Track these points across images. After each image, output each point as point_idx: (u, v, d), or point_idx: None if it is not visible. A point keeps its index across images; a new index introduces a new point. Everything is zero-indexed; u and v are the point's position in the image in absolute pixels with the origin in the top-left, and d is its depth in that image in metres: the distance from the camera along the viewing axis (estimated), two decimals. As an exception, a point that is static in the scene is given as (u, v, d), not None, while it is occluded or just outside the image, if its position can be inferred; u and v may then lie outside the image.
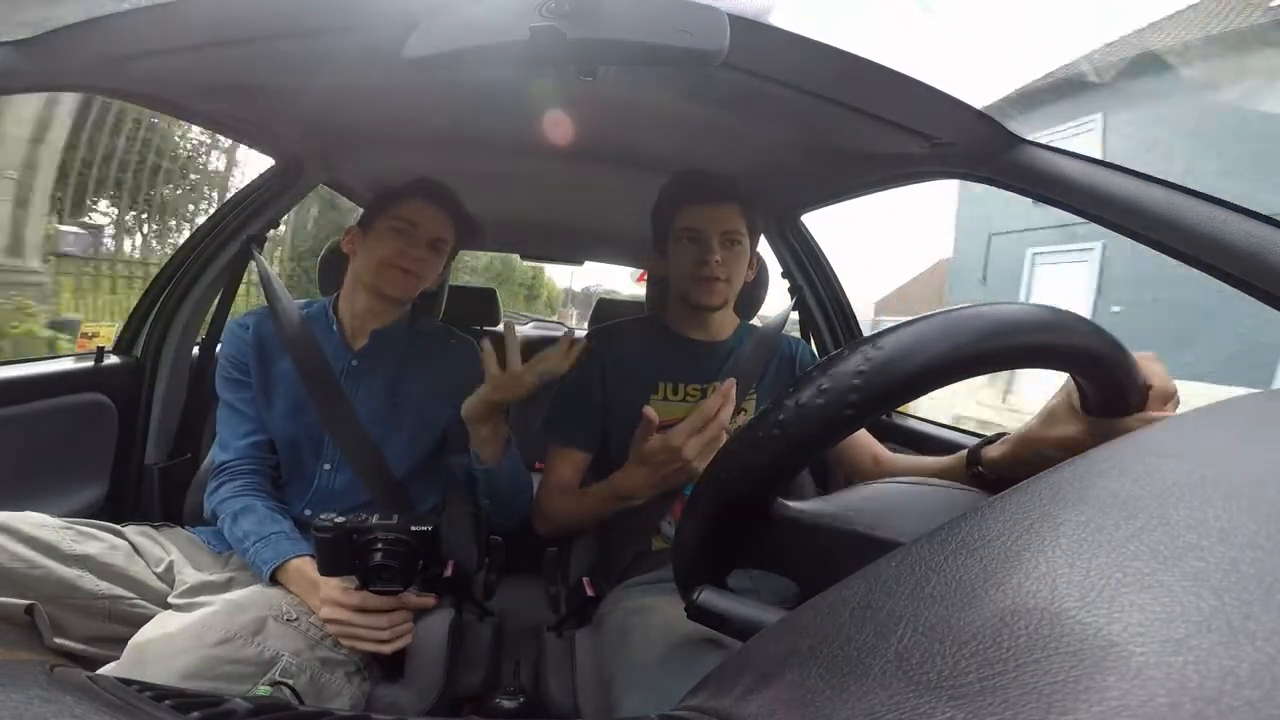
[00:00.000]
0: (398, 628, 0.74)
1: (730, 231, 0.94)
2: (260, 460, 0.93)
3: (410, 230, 0.95)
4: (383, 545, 0.66)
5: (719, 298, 0.95)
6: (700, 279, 0.94)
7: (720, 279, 0.94)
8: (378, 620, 0.73)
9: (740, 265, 0.97)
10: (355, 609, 0.72)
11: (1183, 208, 0.60)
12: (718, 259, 0.93)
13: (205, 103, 0.91)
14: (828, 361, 0.35)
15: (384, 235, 0.95)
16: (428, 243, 0.97)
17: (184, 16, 0.66)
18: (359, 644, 0.73)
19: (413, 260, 0.95)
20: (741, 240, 0.95)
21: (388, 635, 0.73)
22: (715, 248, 0.93)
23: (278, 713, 0.20)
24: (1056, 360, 0.38)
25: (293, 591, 0.78)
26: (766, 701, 0.21)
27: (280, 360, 0.96)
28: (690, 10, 0.54)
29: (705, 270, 0.93)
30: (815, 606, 0.24)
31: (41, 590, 0.69)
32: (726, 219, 0.94)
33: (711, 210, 0.94)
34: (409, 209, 0.96)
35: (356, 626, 0.72)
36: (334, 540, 0.66)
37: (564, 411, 1.00)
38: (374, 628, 0.73)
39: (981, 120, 0.74)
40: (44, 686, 0.18)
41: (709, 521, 0.41)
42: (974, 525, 0.21)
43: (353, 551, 0.67)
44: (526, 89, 0.86)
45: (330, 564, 0.69)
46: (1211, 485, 0.20)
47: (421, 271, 0.97)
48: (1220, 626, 0.14)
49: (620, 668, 0.72)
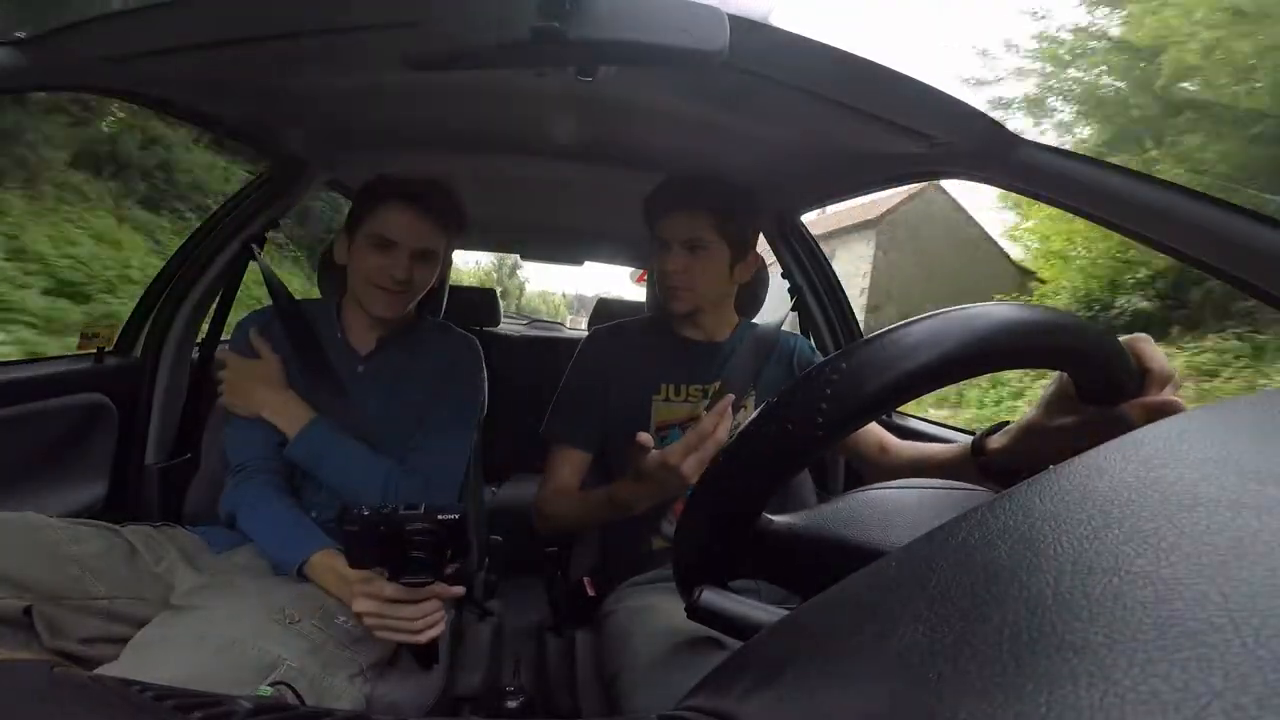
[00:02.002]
0: (430, 617, 0.74)
1: (692, 238, 0.94)
2: (276, 460, 0.92)
3: (390, 246, 0.89)
4: (412, 536, 0.66)
5: (683, 304, 0.96)
6: (665, 287, 0.96)
7: (680, 286, 0.95)
8: (411, 611, 0.72)
9: (708, 269, 0.95)
10: (389, 600, 0.72)
11: (1183, 208, 0.61)
12: (674, 268, 0.94)
13: (205, 103, 0.91)
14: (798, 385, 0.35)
15: (364, 251, 0.90)
16: (412, 255, 0.90)
17: (184, 16, 0.66)
18: (393, 635, 0.73)
19: (397, 280, 0.89)
20: (708, 245, 0.94)
21: (421, 625, 0.73)
22: (676, 254, 0.94)
23: (278, 713, 0.20)
24: (1034, 362, 0.38)
25: (320, 586, 0.78)
26: (766, 701, 0.21)
27: (287, 363, 0.94)
28: (690, 10, 0.54)
29: (666, 279, 0.95)
30: (815, 606, 0.24)
31: (41, 590, 0.69)
32: (688, 226, 0.94)
33: (674, 219, 0.95)
34: (386, 220, 0.89)
35: (390, 618, 0.72)
36: (362, 533, 0.66)
37: (566, 411, 1.00)
38: (408, 618, 0.72)
39: (981, 120, 0.74)
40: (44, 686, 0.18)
41: (704, 533, 0.41)
42: (975, 525, 0.21)
43: (381, 543, 0.67)
44: (526, 89, 0.86)
45: (360, 557, 0.69)
46: (1213, 484, 0.20)
47: (409, 286, 0.91)
48: (1224, 623, 0.14)
49: (624, 666, 0.72)
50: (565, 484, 0.96)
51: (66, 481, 1.09)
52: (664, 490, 0.74)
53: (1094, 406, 0.45)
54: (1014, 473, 0.56)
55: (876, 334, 0.34)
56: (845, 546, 0.38)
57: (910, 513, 0.40)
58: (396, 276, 0.89)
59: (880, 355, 0.33)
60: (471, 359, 1.02)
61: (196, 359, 1.32)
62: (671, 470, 0.69)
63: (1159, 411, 0.41)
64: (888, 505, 0.41)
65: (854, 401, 0.33)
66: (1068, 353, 0.39)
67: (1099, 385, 0.43)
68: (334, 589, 0.77)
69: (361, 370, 0.97)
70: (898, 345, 0.33)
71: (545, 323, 3.03)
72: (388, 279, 0.89)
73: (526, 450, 1.41)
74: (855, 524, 0.40)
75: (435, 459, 0.95)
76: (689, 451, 0.68)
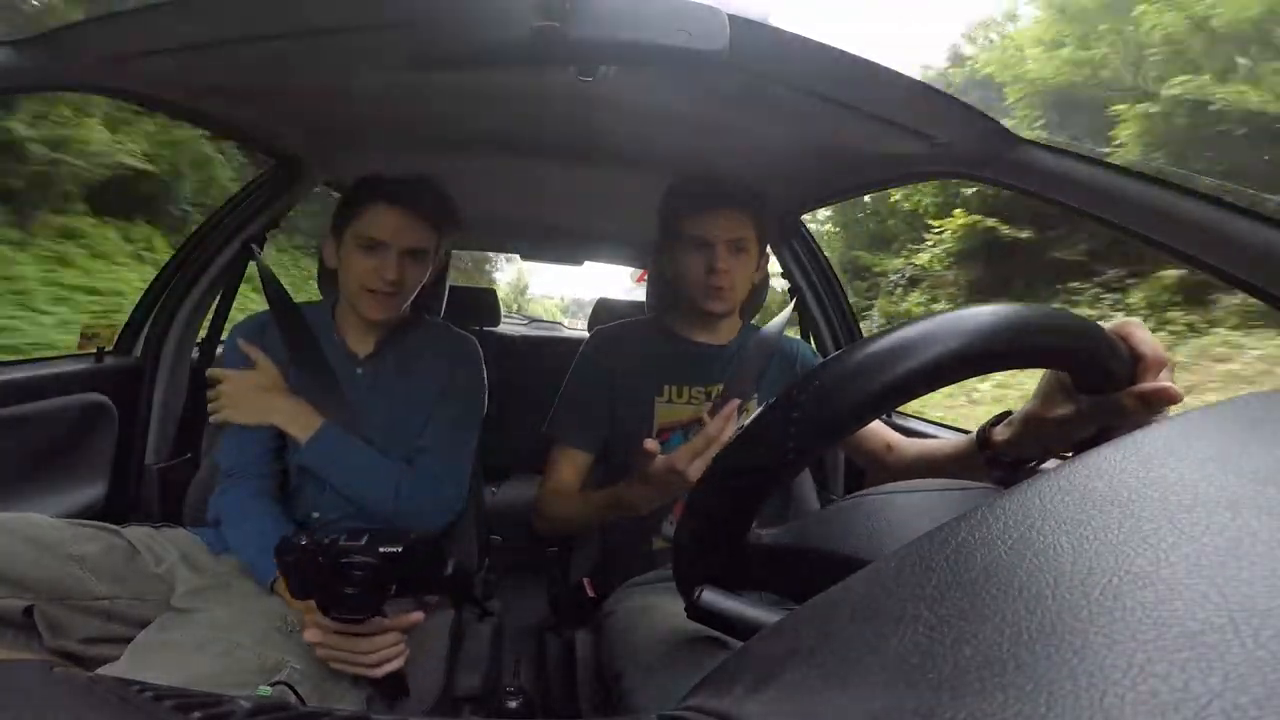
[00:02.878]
0: (384, 651, 0.69)
1: (737, 239, 0.93)
2: (267, 466, 0.91)
3: (378, 247, 0.87)
4: (348, 570, 0.61)
5: (726, 305, 0.95)
6: (709, 287, 0.93)
7: (726, 287, 0.93)
8: (363, 645, 0.68)
9: (747, 271, 0.96)
10: (338, 632, 0.67)
11: (1183, 208, 0.60)
12: (724, 267, 0.92)
13: (205, 103, 0.91)
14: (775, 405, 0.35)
15: (353, 254, 0.88)
16: (401, 255, 0.88)
17: (184, 16, 0.66)
18: (345, 668, 0.69)
19: (388, 282, 0.87)
20: (749, 246, 0.94)
21: (374, 660, 0.68)
22: (722, 255, 0.92)
23: (278, 713, 0.20)
24: (1014, 365, 0.37)
25: (289, 603, 0.76)
26: (766, 701, 0.21)
27: (285, 367, 0.94)
28: (690, 10, 0.54)
29: (713, 279, 0.92)
30: (816, 606, 0.24)
31: (41, 590, 0.69)
32: (734, 226, 0.93)
33: (719, 218, 0.93)
34: (373, 222, 0.87)
35: (340, 650, 0.68)
36: (297, 563, 0.62)
37: (569, 411, 1.00)
38: (360, 651, 0.68)
39: (981, 120, 0.74)
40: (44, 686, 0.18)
41: (695, 549, 0.41)
42: (975, 524, 0.21)
43: (319, 574, 0.62)
44: (526, 89, 0.86)
45: (300, 587, 0.64)
46: (1212, 484, 0.20)
47: (401, 287, 0.89)
48: (1224, 624, 0.14)
49: (624, 666, 0.72)
50: (566, 484, 0.96)
51: (66, 482, 1.09)
52: (670, 492, 0.74)
53: (1090, 396, 0.45)
54: (1022, 463, 0.56)
55: (834, 357, 0.35)
56: (833, 558, 0.38)
57: (896, 520, 0.40)
58: (387, 277, 0.87)
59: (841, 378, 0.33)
60: (472, 358, 1.02)
61: (196, 359, 1.32)
62: (678, 474, 0.69)
63: (1154, 397, 0.41)
64: (874, 514, 0.41)
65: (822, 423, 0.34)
66: (1050, 352, 0.38)
67: (1091, 377, 0.43)
68: (299, 609, 0.73)
69: (360, 373, 0.96)
70: (860, 363, 0.33)
71: (545, 323, 3.03)
72: (379, 280, 0.87)
73: (526, 450, 1.41)
74: (839, 536, 0.40)
75: (443, 459, 0.94)
76: (695, 455, 0.68)
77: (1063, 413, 0.48)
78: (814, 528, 0.42)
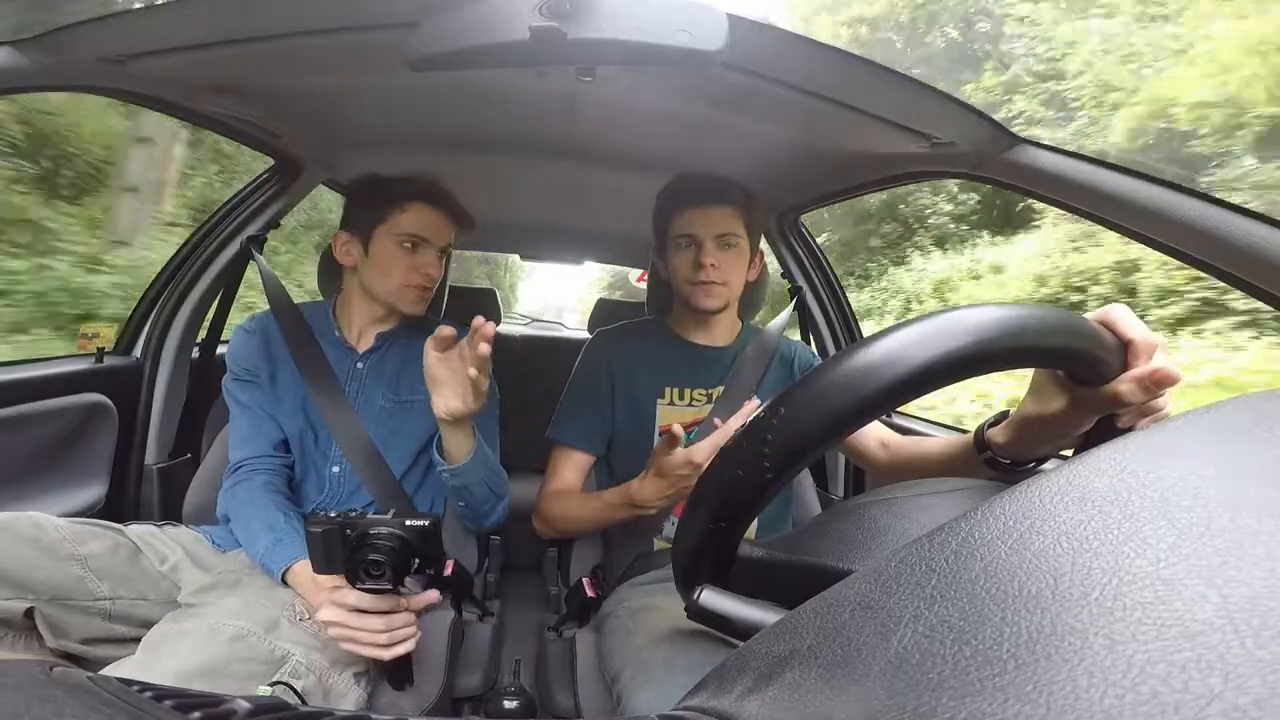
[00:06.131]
0: (397, 631, 0.69)
1: (725, 234, 0.93)
2: (274, 459, 0.92)
3: (423, 244, 0.93)
4: (375, 541, 0.64)
5: (717, 301, 0.95)
6: (697, 283, 0.93)
7: (717, 282, 0.93)
8: (377, 623, 0.68)
9: (738, 267, 0.96)
10: (351, 609, 0.68)
11: (1183, 207, 0.60)
12: (713, 263, 0.92)
13: (205, 103, 0.91)
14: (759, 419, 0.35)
15: (394, 253, 0.91)
16: (439, 252, 0.95)
17: (184, 16, 0.66)
18: (357, 647, 0.69)
19: (430, 277, 0.94)
20: (738, 242, 0.94)
21: (386, 640, 0.68)
22: (710, 251, 0.92)
23: (278, 713, 0.20)
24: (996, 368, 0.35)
25: (299, 593, 0.77)
26: (766, 701, 0.21)
27: (286, 364, 0.95)
28: (690, 10, 0.54)
29: (701, 274, 0.92)
30: (815, 606, 0.24)
31: (43, 591, 0.69)
32: (721, 221, 0.93)
33: (705, 213, 0.93)
34: (417, 220, 0.92)
35: (354, 629, 0.68)
36: (325, 535, 0.64)
37: (571, 412, 1.00)
38: (373, 630, 0.68)
39: (981, 120, 0.74)
40: (44, 686, 0.18)
41: (691, 559, 0.41)
42: (975, 525, 0.21)
43: (346, 547, 0.65)
44: (526, 89, 0.86)
45: (324, 561, 0.65)
46: (1212, 484, 0.20)
47: (435, 283, 0.96)
48: (1223, 624, 0.14)
49: (624, 666, 0.72)
50: (568, 485, 0.96)
51: (67, 481, 1.09)
52: (684, 488, 0.74)
53: (1084, 387, 0.44)
54: (1021, 463, 0.55)
55: (813, 371, 0.34)
56: (825, 573, 0.38)
57: (884, 528, 0.39)
58: (432, 274, 0.93)
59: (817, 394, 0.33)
60: None
61: (196, 359, 1.32)
62: (696, 468, 0.69)
63: (1150, 381, 0.40)
64: (865, 523, 0.40)
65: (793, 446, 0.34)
66: (1028, 353, 0.37)
67: (1080, 371, 0.42)
68: (309, 597, 0.75)
69: (361, 367, 0.97)
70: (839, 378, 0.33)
71: (546, 322, 3.03)
72: (425, 277, 0.93)
73: (526, 450, 1.41)
74: (830, 549, 0.39)
75: None
76: (715, 450, 0.68)
77: (1059, 407, 0.47)
78: (804, 540, 0.41)
